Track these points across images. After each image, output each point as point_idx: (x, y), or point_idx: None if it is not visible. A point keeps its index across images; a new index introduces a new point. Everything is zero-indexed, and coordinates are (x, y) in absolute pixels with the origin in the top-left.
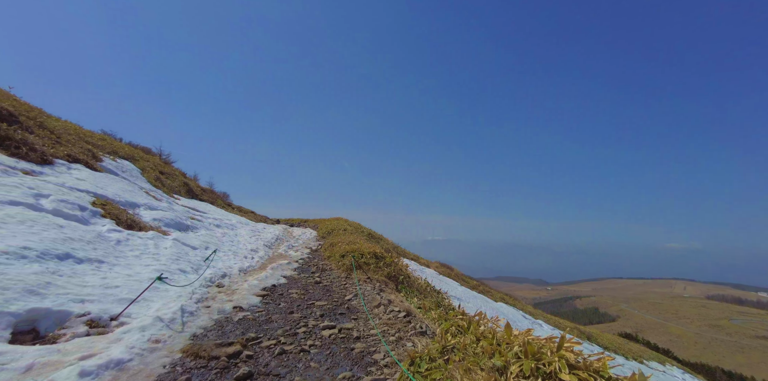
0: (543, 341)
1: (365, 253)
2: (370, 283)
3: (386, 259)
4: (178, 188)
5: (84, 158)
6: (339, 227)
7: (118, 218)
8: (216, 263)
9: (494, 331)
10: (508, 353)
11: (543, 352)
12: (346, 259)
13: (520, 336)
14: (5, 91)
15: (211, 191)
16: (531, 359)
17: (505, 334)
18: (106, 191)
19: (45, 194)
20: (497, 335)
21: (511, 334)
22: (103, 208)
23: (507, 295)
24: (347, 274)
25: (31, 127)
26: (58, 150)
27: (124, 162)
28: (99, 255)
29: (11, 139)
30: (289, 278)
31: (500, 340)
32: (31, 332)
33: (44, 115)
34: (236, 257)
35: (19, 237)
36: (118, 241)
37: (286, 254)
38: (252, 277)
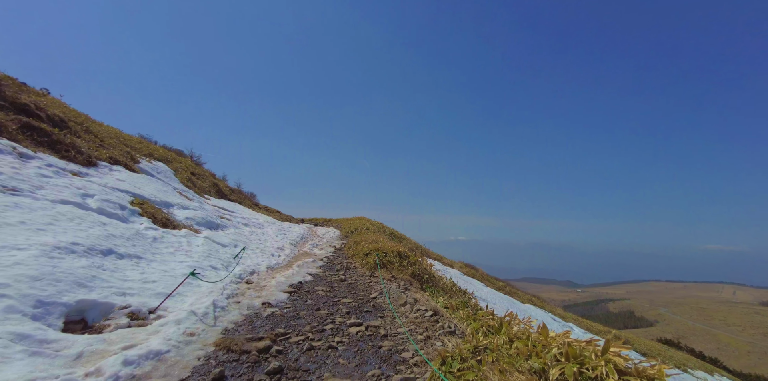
0: (584, 344)
1: (389, 251)
2: (395, 282)
3: (410, 258)
4: (208, 189)
5: (123, 160)
6: (361, 226)
7: (154, 217)
8: (245, 260)
9: (528, 332)
10: (546, 355)
11: (586, 356)
12: (369, 257)
13: (558, 338)
14: (57, 98)
15: (239, 191)
16: (573, 362)
17: (541, 336)
18: (143, 191)
19: (90, 194)
20: (532, 337)
21: (547, 336)
22: (141, 207)
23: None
24: (371, 273)
25: (78, 131)
26: (101, 153)
27: (159, 164)
28: (138, 251)
29: (62, 143)
30: (315, 276)
31: (535, 341)
32: (80, 322)
33: (90, 120)
34: (263, 255)
35: (69, 233)
36: (155, 238)
37: (311, 252)
38: (279, 274)
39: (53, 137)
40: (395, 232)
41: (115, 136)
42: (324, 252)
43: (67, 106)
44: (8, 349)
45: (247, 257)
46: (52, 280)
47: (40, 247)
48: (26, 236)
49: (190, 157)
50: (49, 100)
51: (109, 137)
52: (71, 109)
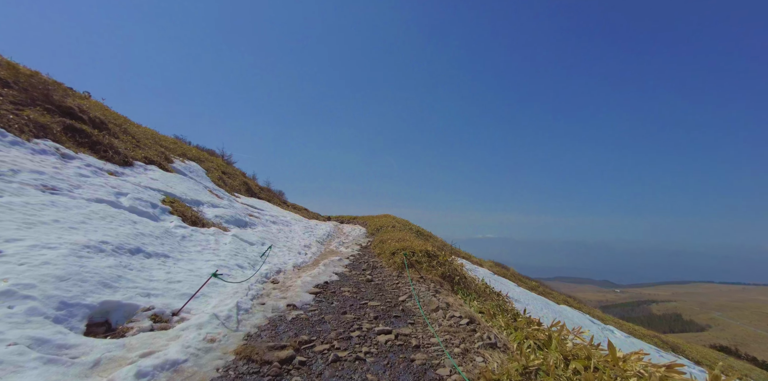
0: (662, 370)
1: (417, 251)
2: (424, 284)
3: (439, 257)
4: (238, 187)
5: (158, 160)
6: (387, 224)
7: (183, 215)
8: (271, 259)
9: (588, 351)
10: None
11: None
12: (396, 256)
13: (631, 362)
14: (99, 102)
15: (268, 190)
16: None
17: (609, 357)
18: (174, 190)
19: (124, 193)
20: (593, 355)
21: (616, 357)
22: (172, 205)
23: (570, 298)
24: (399, 273)
25: (117, 133)
26: (137, 153)
27: (192, 163)
28: (165, 250)
29: (101, 144)
30: (341, 275)
31: (600, 363)
32: (104, 324)
33: (128, 122)
34: (290, 253)
35: (99, 232)
36: (183, 236)
37: (337, 250)
38: (305, 273)
39: (93, 138)
40: (422, 230)
41: (151, 137)
42: (350, 250)
43: (107, 108)
44: (23, 356)
45: (273, 256)
46: (78, 280)
47: (71, 246)
48: (58, 235)
49: (222, 156)
50: (92, 103)
51: (146, 138)
52: (111, 111)
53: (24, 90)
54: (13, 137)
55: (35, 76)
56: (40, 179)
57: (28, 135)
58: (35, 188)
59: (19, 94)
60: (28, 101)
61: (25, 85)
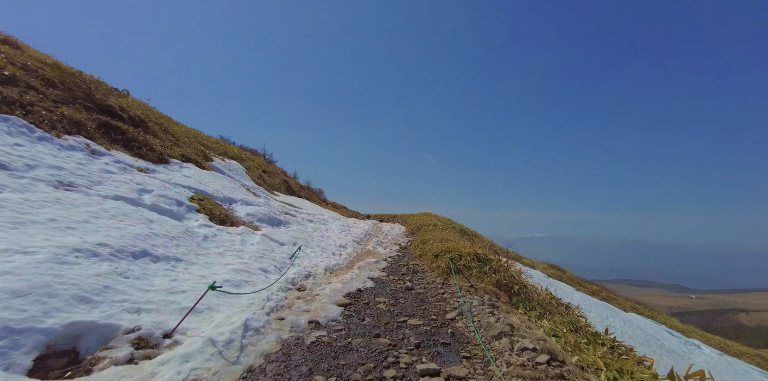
0: None
1: (464, 253)
2: (476, 295)
3: (492, 262)
4: (278, 185)
5: (195, 158)
6: (428, 223)
7: (212, 213)
8: (302, 261)
9: None
10: None
11: None
12: (440, 260)
13: None
14: (142, 101)
15: (308, 188)
16: None
17: None
18: (206, 187)
19: (149, 190)
20: None
21: None
22: (200, 203)
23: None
24: (444, 280)
25: (156, 131)
26: (174, 151)
27: (232, 162)
28: (179, 252)
29: (135, 141)
30: (377, 281)
31: None
32: (68, 354)
33: (171, 122)
34: (323, 254)
35: (101, 232)
36: (206, 236)
37: (375, 251)
38: (337, 279)
39: (128, 135)
40: (466, 229)
41: (193, 137)
42: (388, 251)
43: (151, 108)
44: None
45: (305, 257)
46: (44, 294)
47: (55, 249)
48: (47, 236)
49: (263, 155)
50: (134, 103)
51: (186, 137)
52: (154, 111)
53: (68, 89)
54: (41, 133)
55: (78, 76)
56: (58, 175)
57: (59, 131)
58: (47, 184)
59: (62, 94)
60: (69, 100)
61: (69, 85)
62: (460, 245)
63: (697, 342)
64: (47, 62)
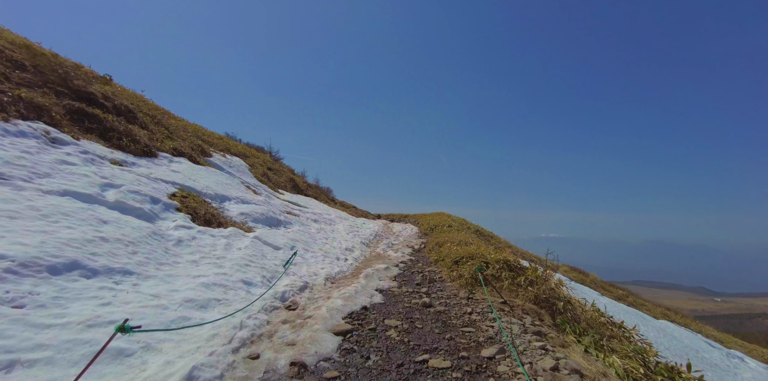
0: None
1: (491, 260)
2: (513, 315)
3: (527, 272)
4: (284, 184)
5: (189, 152)
6: (442, 223)
7: (195, 212)
8: (299, 268)
9: None
10: None
11: None
12: (462, 268)
13: None
14: (136, 92)
15: (316, 187)
16: None
17: None
18: (196, 184)
19: (117, 184)
20: None
21: None
22: (183, 200)
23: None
24: (468, 293)
25: (146, 123)
26: (165, 144)
27: (234, 158)
28: (133, 263)
29: (114, 131)
30: (387, 294)
31: None
32: None
33: (168, 115)
34: (326, 259)
35: (7, 238)
36: (179, 240)
37: (385, 254)
38: (338, 291)
39: (106, 124)
40: (482, 230)
41: (192, 131)
42: (400, 254)
43: (145, 99)
44: None
45: (303, 263)
46: None
47: None
48: None
49: (269, 152)
50: (127, 93)
51: (184, 131)
52: (149, 102)
53: (40, 73)
54: None
55: (53, 58)
56: None
57: (11, 115)
58: None
59: (31, 77)
60: (38, 84)
61: (43, 69)
62: (482, 250)
63: (740, 354)
64: (17, 43)
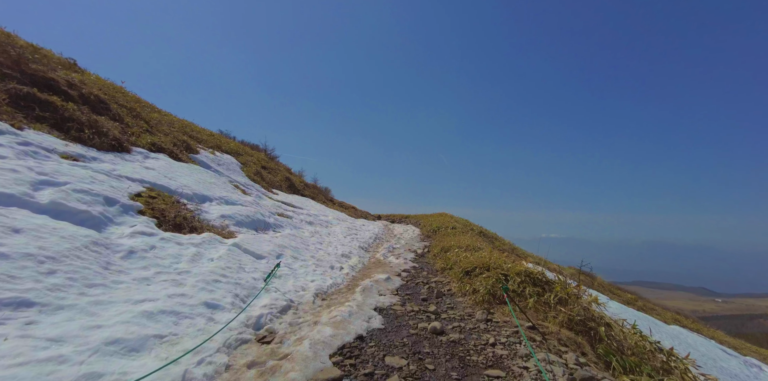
0: None
1: (510, 272)
2: (547, 346)
3: (555, 288)
4: (279, 183)
5: (170, 148)
6: (445, 224)
7: (163, 215)
8: (284, 282)
9: None
10: None
11: None
12: (476, 280)
13: None
14: (114, 83)
15: (314, 186)
16: None
17: None
18: (172, 182)
19: (58, 182)
20: None
21: None
22: (150, 201)
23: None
24: (486, 313)
25: (121, 115)
26: (142, 138)
27: (225, 156)
28: (41, 288)
29: (74, 121)
30: (388, 314)
31: None
32: None
33: (150, 108)
34: (318, 268)
35: None
36: (131, 251)
37: (385, 261)
38: (329, 314)
39: (64, 113)
40: (485, 231)
41: (179, 127)
42: (402, 261)
43: (125, 91)
44: None
45: (289, 276)
46: None
47: None
48: None
49: (265, 150)
50: (100, 83)
51: (168, 126)
52: (129, 94)
53: None
54: None
55: (4, 38)
56: None
57: None
58: None
59: None
60: None
61: None
62: (496, 257)
63: (756, 361)
64: None
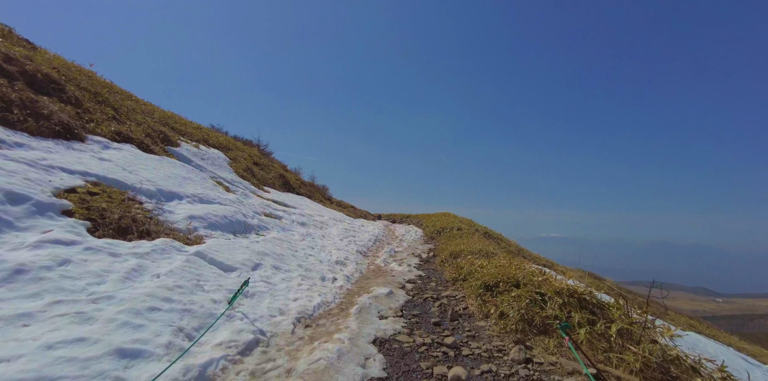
0: None
1: (547, 289)
2: None
3: (613, 313)
4: (272, 181)
5: (141, 139)
6: (450, 225)
7: (102, 217)
8: (258, 302)
9: None
10: None
11: None
12: (501, 299)
13: None
14: (84, 67)
15: (310, 184)
16: None
17: None
18: (131, 176)
19: None
20: None
21: None
22: (86, 199)
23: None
24: (521, 348)
25: (81, 99)
26: (103, 127)
27: (212, 150)
28: None
29: (3, 101)
30: (391, 352)
31: None
32: None
33: (124, 96)
34: (306, 281)
35: None
36: (18, 271)
37: (386, 268)
38: (310, 354)
39: None
40: (490, 232)
41: (159, 118)
42: (405, 269)
43: (92, 74)
44: None
45: (266, 293)
46: None
47: None
48: None
49: (258, 146)
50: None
51: (144, 115)
52: (98, 78)
53: None
54: None
55: None
56: None
57: None
58: None
59: None
60: None
61: None
62: (518, 265)
63: None
64: None
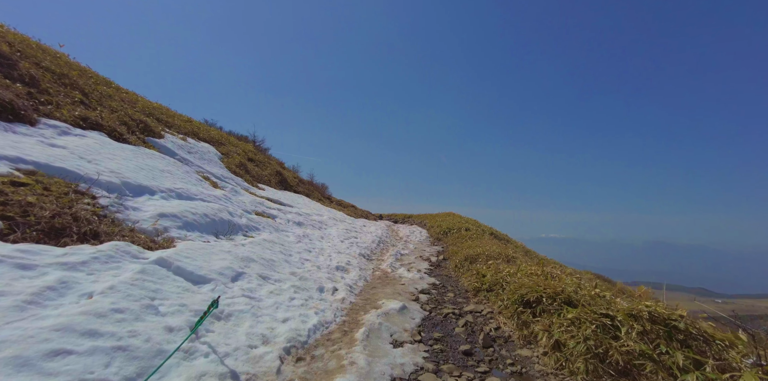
0: None
1: (617, 312)
2: None
3: (690, 343)
4: (268, 178)
5: (113, 126)
6: (456, 225)
7: (23, 215)
8: (236, 327)
9: None
10: None
11: None
12: (551, 320)
13: None
14: (51, 47)
15: (309, 183)
16: None
17: None
18: (90, 166)
19: None
20: None
21: None
22: (5, 191)
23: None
24: None
25: (38, 79)
26: (65, 110)
27: (202, 144)
28: None
29: None
30: None
31: None
32: None
33: (100, 81)
34: (300, 293)
35: None
36: None
37: (394, 274)
38: None
39: None
40: (496, 232)
41: (141, 107)
42: (415, 275)
43: (61, 54)
44: None
45: (246, 314)
46: None
47: None
48: None
49: (253, 141)
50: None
51: (123, 103)
52: (69, 60)
53: None
54: None
55: None
56: None
57: None
58: None
59: None
60: None
61: None
62: (566, 280)
63: None
64: None
